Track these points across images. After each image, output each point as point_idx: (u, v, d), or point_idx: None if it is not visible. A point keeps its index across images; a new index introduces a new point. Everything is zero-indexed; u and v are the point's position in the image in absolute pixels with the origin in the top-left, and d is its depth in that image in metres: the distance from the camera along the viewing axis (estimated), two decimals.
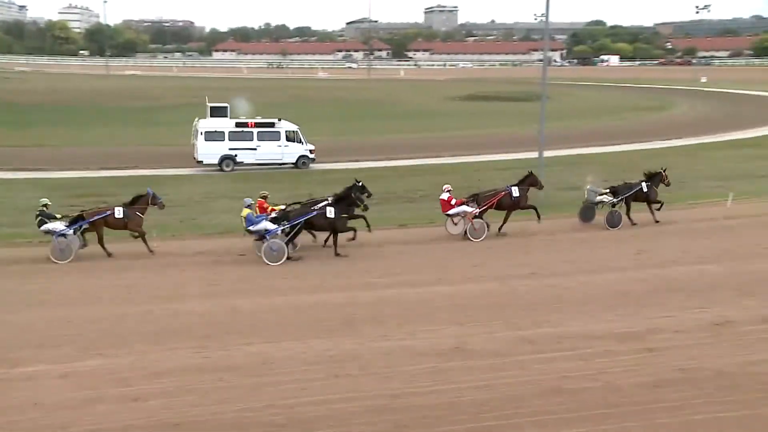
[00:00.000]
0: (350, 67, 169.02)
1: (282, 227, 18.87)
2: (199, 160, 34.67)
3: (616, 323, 14.29)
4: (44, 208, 19.06)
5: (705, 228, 22.51)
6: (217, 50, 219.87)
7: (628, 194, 22.85)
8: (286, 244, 18.79)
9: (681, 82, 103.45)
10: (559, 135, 46.08)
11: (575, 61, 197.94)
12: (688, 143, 43.62)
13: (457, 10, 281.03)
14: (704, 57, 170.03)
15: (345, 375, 12.07)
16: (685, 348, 13.01)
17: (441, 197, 21.54)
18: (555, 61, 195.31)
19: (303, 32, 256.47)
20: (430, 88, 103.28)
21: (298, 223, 19.11)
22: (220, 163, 34.63)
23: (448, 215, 21.56)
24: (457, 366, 12.40)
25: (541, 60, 29.40)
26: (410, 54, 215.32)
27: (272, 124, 35.64)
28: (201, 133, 34.44)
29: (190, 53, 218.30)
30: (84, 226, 19.19)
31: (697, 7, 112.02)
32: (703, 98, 79.32)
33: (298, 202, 20.90)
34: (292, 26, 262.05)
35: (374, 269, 18.39)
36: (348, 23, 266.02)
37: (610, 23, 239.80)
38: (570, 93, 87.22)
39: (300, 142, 35.74)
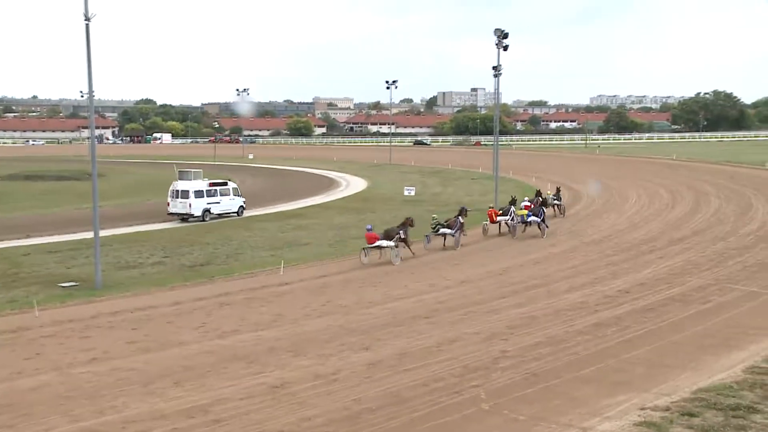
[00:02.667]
0: None
1: (541, 218, 35.36)
2: (192, 213, 42.92)
3: (183, 399, 14.24)
4: (437, 218, 32.81)
5: (262, 295, 23.81)
6: None
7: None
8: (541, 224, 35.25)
9: (231, 158, 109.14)
10: (115, 213, 45.12)
11: (128, 138, 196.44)
12: (243, 215, 45.84)
13: None
14: (249, 135, 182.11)
15: None
16: (248, 414, 13.47)
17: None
18: (107, 138, 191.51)
19: None
20: None
21: (544, 216, 35.77)
22: (202, 215, 42.97)
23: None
24: None
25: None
26: None
27: (226, 183, 46.42)
28: (192, 192, 42.88)
29: None
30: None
31: (237, 89, 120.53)
32: (252, 173, 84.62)
33: (501, 208, 37.92)
34: None
35: None
36: None
37: (159, 102, 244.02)
38: (124, 170, 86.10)
39: (239, 195, 46.19)
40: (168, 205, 43.54)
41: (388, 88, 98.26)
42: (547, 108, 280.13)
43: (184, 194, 43.13)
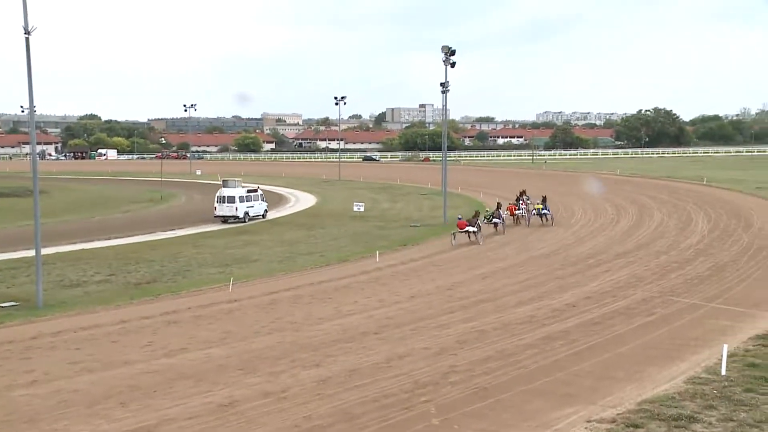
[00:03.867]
0: None
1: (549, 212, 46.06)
2: (236, 215, 49.88)
3: (128, 420, 13.94)
4: (489, 211, 43.55)
5: (210, 313, 23.49)
6: None
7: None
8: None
9: (178, 174, 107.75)
10: (58, 231, 44.17)
11: (71, 154, 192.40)
12: (191, 232, 45.36)
13: None
14: (197, 151, 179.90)
15: None
16: None
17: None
18: (50, 154, 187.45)
19: None
20: None
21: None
22: (243, 217, 50.10)
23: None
24: None
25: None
26: None
27: (256, 190, 53.47)
28: (237, 198, 50.21)
29: None
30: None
31: (185, 105, 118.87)
32: (200, 190, 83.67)
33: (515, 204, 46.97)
34: None
35: None
36: None
37: (104, 117, 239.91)
38: (67, 187, 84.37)
39: (264, 200, 53.71)
40: (215, 209, 50.41)
41: (336, 104, 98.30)
42: (495, 124, 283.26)
43: (231, 199, 50.24)
